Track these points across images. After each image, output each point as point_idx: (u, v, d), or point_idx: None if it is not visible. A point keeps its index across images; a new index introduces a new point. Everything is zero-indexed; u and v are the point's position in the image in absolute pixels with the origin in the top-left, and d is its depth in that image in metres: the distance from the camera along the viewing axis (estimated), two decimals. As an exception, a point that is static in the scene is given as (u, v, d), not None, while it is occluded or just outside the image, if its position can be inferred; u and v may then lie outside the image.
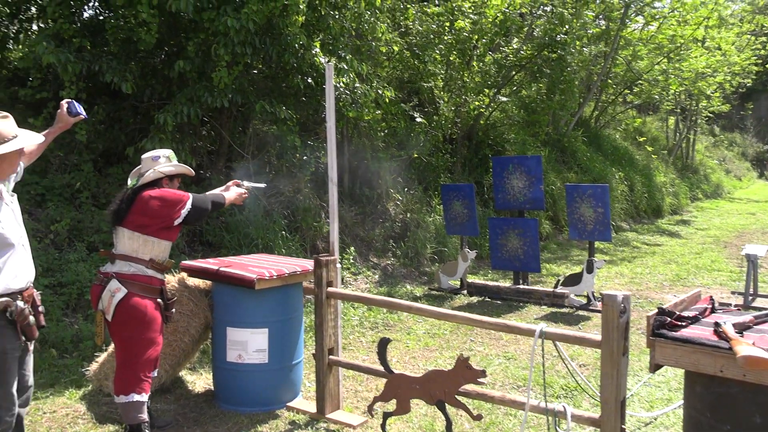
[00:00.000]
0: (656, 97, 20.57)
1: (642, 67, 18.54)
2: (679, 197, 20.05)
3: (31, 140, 3.04)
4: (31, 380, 3.24)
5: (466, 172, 12.33)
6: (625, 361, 3.14)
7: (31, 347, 3.21)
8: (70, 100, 3.51)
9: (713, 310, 3.21)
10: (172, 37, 7.28)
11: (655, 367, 2.90)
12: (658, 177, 19.19)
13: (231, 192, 4.19)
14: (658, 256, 11.64)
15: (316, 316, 4.32)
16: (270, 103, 7.04)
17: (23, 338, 3.02)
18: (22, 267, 3.05)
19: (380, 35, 8.77)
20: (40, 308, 3.17)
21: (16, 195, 3.17)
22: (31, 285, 3.15)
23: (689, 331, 2.84)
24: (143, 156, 3.93)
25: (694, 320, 2.98)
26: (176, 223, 3.76)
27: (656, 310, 2.94)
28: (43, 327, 3.20)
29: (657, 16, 17.74)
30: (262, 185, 4.63)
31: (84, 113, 3.55)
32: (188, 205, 3.76)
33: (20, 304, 2.98)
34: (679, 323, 2.91)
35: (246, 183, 4.37)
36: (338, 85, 7.42)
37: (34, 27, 7.59)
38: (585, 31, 14.47)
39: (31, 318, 3.03)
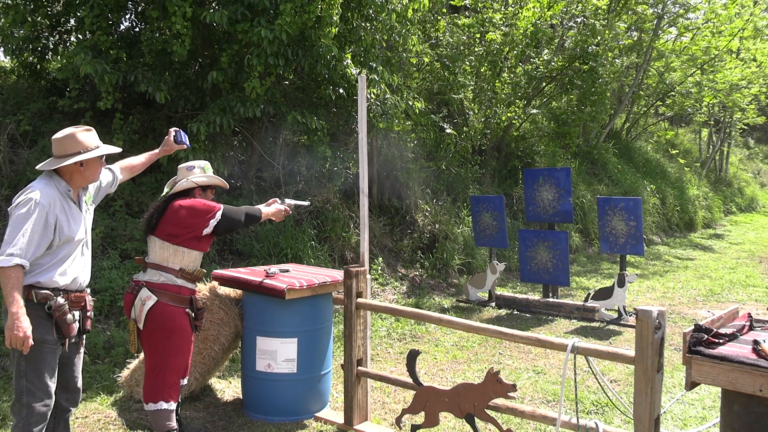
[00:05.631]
0: (689, 109, 20.29)
1: (675, 78, 18.30)
2: (713, 211, 19.69)
3: (111, 150, 3.35)
4: (80, 382, 3.41)
5: (495, 184, 12.27)
6: (660, 378, 3.08)
7: (81, 350, 3.40)
8: (177, 129, 3.95)
9: (751, 328, 3.13)
10: (206, 49, 7.40)
11: (691, 385, 2.84)
12: (690, 190, 18.88)
13: (270, 207, 4.21)
14: (691, 270, 11.44)
15: (345, 326, 4.32)
16: (301, 113, 7.11)
17: (56, 334, 3.13)
18: (73, 268, 3.24)
19: (411, 47, 8.80)
20: (89, 313, 3.36)
21: (94, 206, 3.48)
22: (85, 290, 3.36)
23: (727, 349, 2.78)
24: (179, 166, 3.99)
25: (732, 338, 2.92)
26: (205, 232, 3.76)
27: (693, 327, 2.88)
28: (87, 331, 3.38)
29: (690, 27, 17.52)
30: (306, 203, 4.66)
31: (188, 143, 3.99)
32: (218, 216, 3.76)
33: (60, 300, 3.13)
34: (717, 340, 2.84)
35: (288, 201, 4.38)
36: (369, 96, 7.46)
37: (73, 39, 7.77)
38: (617, 43, 14.36)
39: (69, 316, 3.17)
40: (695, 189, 19.48)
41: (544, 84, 12.82)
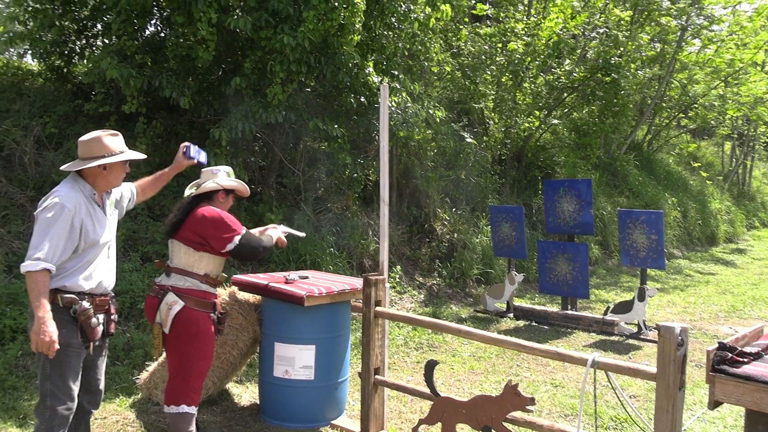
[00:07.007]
0: (712, 121, 20.06)
1: (698, 91, 18.12)
2: (735, 225, 19.44)
3: (135, 156, 3.38)
4: (102, 384, 3.45)
5: (515, 194, 12.22)
6: (682, 396, 3.03)
7: (105, 353, 3.44)
8: (188, 144, 3.86)
9: (777, 347, 3.08)
10: (230, 55, 7.46)
11: (714, 404, 2.80)
12: (712, 203, 18.66)
13: (276, 231, 4.20)
14: (713, 285, 11.29)
15: (364, 335, 4.31)
16: (322, 120, 7.13)
17: (81, 338, 3.16)
18: (98, 272, 3.26)
19: (433, 56, 8.80)
20: (113, 316, 3.40)
21: (117, 211, 3.51)
22: (109, 293, 3.37)
23: (752, 368, 2.74)
24: (203, 169, 4.02)
25: (757, 357, 2.88)
26: (221, 252, 3.78)
27: (717, 345, 2.84)
28: (111, 334, 3.42)
29: (715, 40, 17.34)
30: (302, 234, 4.60)
31: (200, 159, 3.89)
32: (236, 240, 3.74)
33: (85, 304, 3.16)
34: (741, 359, 2.80)
35: (283, 228, 4.35)
36: (390, 105, 7.46)
37: (99, 43, 7.87)
38: (640, 54, 14.25)
39: (94, 320, 3.20)
40: (717, 203, 19.25)
41: (565, 94, 12.76)
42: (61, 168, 3.29)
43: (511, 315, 8.27)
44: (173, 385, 3.75)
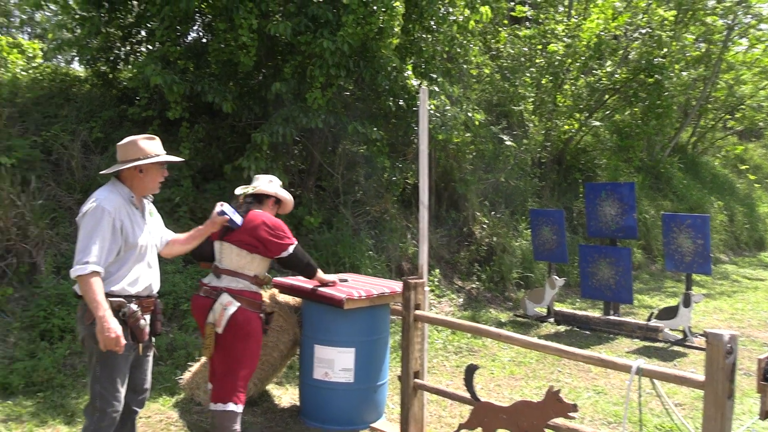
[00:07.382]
0: (760, 123, 19.47)
1: (745, 91, 17.62)
2: (785, 229, 18.83)
3: (171, 159, 3.43)
4: (147, 383, 3.53)
5: (555, 197, 12.06)
6: (731, 405, 2.95)
7: (151, 352, 3.49)
8: (223, 203, 3.81)
9: (832, 356, 2.97)
10: (270, 60, 7.54)
11: (765, 414, 2.71)
12: (761, 207, 18.12)
13: (326, 275, 4.40)
14: (761, 291, 10.96)
15: (403, 338, 4.30)
16: (362, 124, 7.15)
17: (131, 339, 3.22)
18: (143, 275, 3.32)
19: (473, 58, 8.75)
20: (159, 316, 3.46)
21: (157, 216, 3.57)
22: (155, 296, 3.43)
23: (806, 377, 2.65)
24: (259, 176, 4.17)
25: (811, 365, 2.78)
26: (275, 256, 3.95)
27: (768, 353, 2.75)
28: (158, 334, 3.48)
29: (763, 39, 16.84)
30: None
31: (233, 218, 3.78)
32: (290, 249, 3.96)
33: (133, 306, 3.21)
34: (795, 368, 2.71)
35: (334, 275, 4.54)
36: (429, 108, 7.44)
37: (143, 49, 8.04)
38: (684, 55, 13.93)
39: (142, 321, 3.26)
40: (766, 206, 18.69)
41: (606, 96, 12.55)
42: (101, 172, 3.36)
43: (552, 320, 8.16)
44: (222, 383, 3.81)
